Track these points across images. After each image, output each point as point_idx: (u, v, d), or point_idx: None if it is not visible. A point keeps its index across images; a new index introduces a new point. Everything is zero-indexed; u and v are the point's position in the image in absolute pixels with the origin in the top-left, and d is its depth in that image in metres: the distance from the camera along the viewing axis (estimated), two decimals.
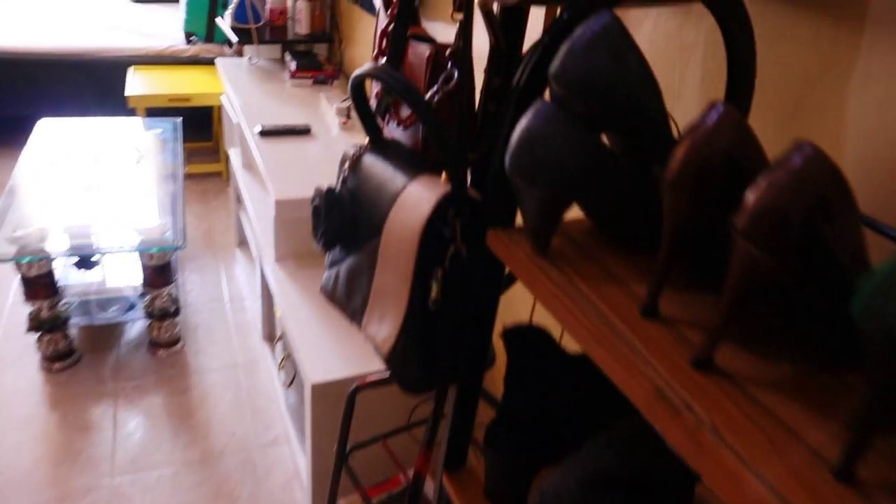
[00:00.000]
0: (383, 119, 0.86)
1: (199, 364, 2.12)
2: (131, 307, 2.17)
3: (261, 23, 2.47)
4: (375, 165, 0.77)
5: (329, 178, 1.69)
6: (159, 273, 1.98)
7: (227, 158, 2.90)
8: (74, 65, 3.25)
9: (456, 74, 0.77)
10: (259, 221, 1.95)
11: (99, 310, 2.13)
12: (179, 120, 2.67)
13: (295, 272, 1.71)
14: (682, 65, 0.88)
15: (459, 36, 0.78)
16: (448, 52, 0.77)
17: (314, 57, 2.46)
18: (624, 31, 0.50)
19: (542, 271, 0.58)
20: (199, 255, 2.67)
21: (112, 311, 2.12)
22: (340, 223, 0.78)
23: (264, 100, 2.21)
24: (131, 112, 3.00)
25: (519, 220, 0.64)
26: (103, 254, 1.97)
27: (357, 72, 0.73)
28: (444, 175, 0.72)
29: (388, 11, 0.88)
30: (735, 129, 0.45)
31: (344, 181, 0.80)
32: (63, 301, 2.00)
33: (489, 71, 0.77)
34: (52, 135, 2.55)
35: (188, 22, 3.45)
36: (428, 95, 0.77)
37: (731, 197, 0.46)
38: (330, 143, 1.89)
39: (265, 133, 1.87)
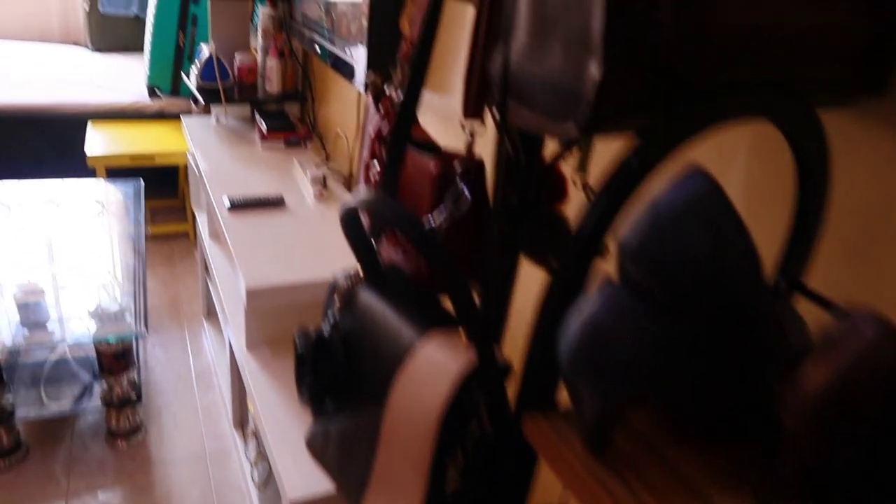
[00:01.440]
0: (377, 242, 0.73)
1: (162, 455, 1.93)
2: (86, 392, 1.98)
3: (229, 81, 2.34)
4: (373, 307, 0.64)
5: (305, 258, 1.55)
6: (118, 359, 1.81)
7: (194, 217, 2.74)
8: (29, 121, 3.07)
9: (467, 193, 0.64)
10: (228, 302, 1.80)
11: (49, 398, 1.94)
12: (141, 183, 2.51)
13: (270, 362, 1.55)
14: (719, 169, 0.77)
15: (471, 149, 0.66)
16: (459, 169, 0.64)
17: (286, 117, 2.33)
18: (724, 200, 0.38)
19: (600, 483, 0.45)
20: (164, 327, 2.49)
21: (64, 400, 1.93)
22: (331, 376, 0.64)
23: (233, 164, 2.07)
24: (91, 172, 2.83)
25: (563, 395, 0.51)
26: (54, 346, 1.79)
27: (348, 203, 0.60)
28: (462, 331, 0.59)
29: (381, 109, 0.76)
30: None
31: (335, 324, 0.66)
32: (7, 393, 1.81)
33: (504, 186, 0.65)
34: (1, 200, 2.37)
35: (152, 75, 3.31)
36: (434, 222, 0.64)
37: (883, 429, 0.33)
38: (305, 216, 1.75)
39: (235, 206, 1.73)
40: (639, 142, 0.45)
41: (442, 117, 1.38)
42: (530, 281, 0.78)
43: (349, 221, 0.62)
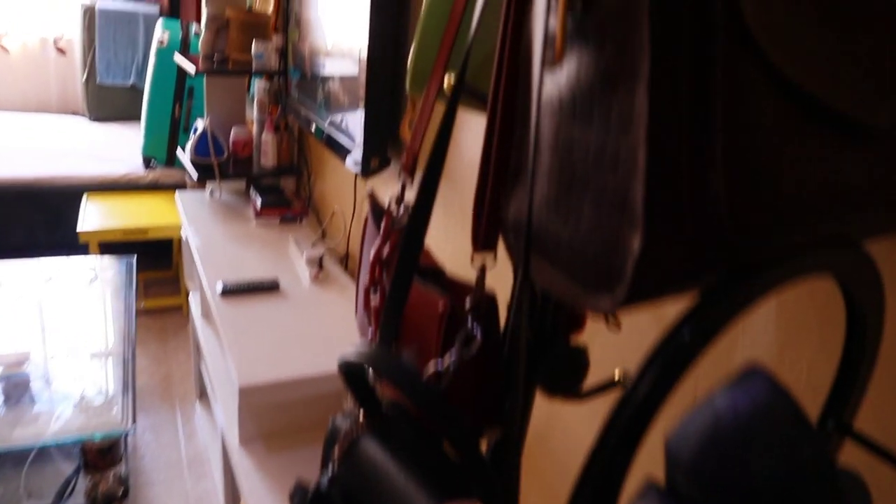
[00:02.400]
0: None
1: None
2: (69, 487, 1.88)
3: (223, 156, 2.31)
4: (377, 459, 0.56)
5: (301, 350, 1.48)
6: (104, 454, 1.71)
7: (187, 291, 2.67)
8: (23, 195, 3.03)
9: (478, 335, 0.58)
10: (220, 390, 1.71)
11: (31, 495, 1.83)
12: (134, 261, 2.45)
13: (264, 459, 1.46)
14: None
15: (481, 283, 0.59)
16: (469, 305, 0.58)
17: (281, 192, 2.29)
18: (796, 412, 0.31)
19: None
20: (155, 408, 2.40)
21: (45, 500, 1.83)
22: None
23: (227, 242, 2.01)
24: (84, 246, 2.77)
25: None
26: (34, 449, 1.70)
27: (346, 357, 0.54)
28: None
29: (382, 228, 0.70)
30: None
31: (333, 478, 0.59)
32: None
33: (519, 320, 0.59)
34: None
35: (147, 146, 3.30)
36: (442, 366, 0.57)
37: None
38: (301, 301, 1.68)
39: (228, 292, 1.67)
40: (691, 310, 0.38)
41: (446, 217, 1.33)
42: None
43: (349, 373, 0.55)
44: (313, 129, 1.88)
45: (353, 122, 1.57)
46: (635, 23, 0.32)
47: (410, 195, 0.69)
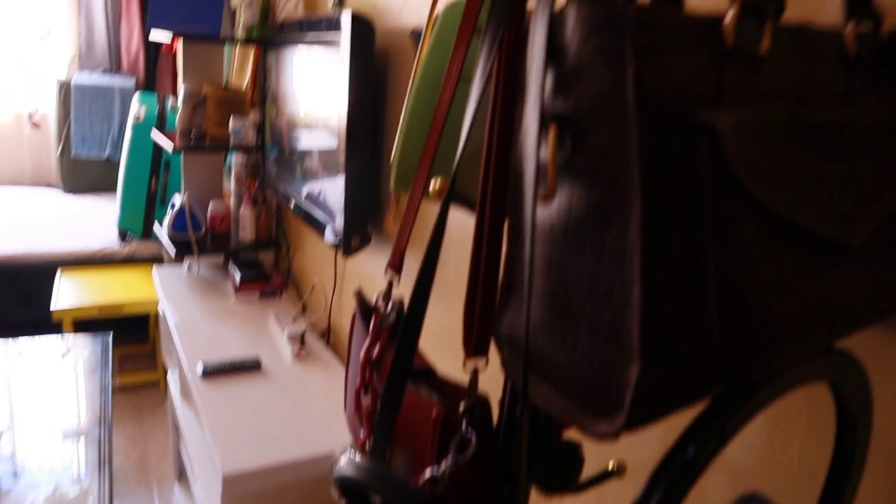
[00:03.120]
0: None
1: None
2: None
3: (201, 231, 2.30)
4: None
5: (285, 433, 1.45)
6: None
7: (164, 367, 2.62)
8: None
9: (473, 439, 0.57)
10: (201, 474, 1.66)
11: None
12: (109, 340, 2.40)
13: None
14: None
15: (474, 387, 0.59)
16: (462, 409, 0.58)
17: (260, 266, 2.28)
18: None
19: None
20: (131, 491, 2.31)
21: None
22: None
23: (205, 319, 1.99)
24: (57, 324, 2.72)
25: None
26: None
27: (341, 472, 0.53)
28: None
29: (371, 328, 0.70)
30: None
31: None
32: None
33: (512, 419, 0.58)
34: None
35: (123, 219, 3.28)
36: (438, 472, 0.57)
37: None
38: (284, 380, 1.66)
39: (208, 373, 1.64)
40: (695, 426, 0.39)
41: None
42: None
43: (343, 486, 0.54)
44: (291, 205, 1.88)
45: (332, 197, 1.58)
46: (625, 164, 0.33)
47: (398, 292, 0.69)
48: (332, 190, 1.58)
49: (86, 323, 2.75)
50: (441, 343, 1.34)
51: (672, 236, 0.34)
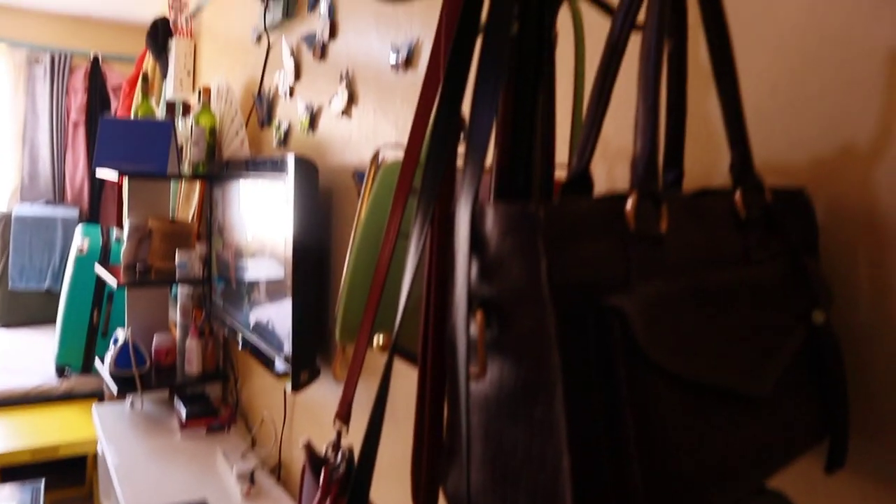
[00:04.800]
0: None
1: None
2: None
3: (145, 367, 2.25)
4: None
5: None
6: None
7: None
8: None
9: None
10: None
11: None
12: (42, 486, 2.27)
13: None
14: None
15: None
16: None
17: (207, 400, 2.22)
18: None
19: None
20: None
21: None
22: None
23: (149, 460, 1.91)
24: None
25: None
26: None
27: None
28: None
29: (322, 481, 0.70)
30: None
31: None
32: None
33: None
34: None
35: (61, 353, 3.17)
36: None
37: None
38: None
39: None
40: None
41: None
42: None
43: None
44: (239, 339, 1.87)
45: (280, 330, 1.58)
46: (546, 347, 0.36)
47: (346, 441, 0.70)
48: (280, 323, 1.58)
49: (17, 468, 2.59)
50: (392, 473, 1.32)
51: (594, 410, 0.37)
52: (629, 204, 0.42)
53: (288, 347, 1.50)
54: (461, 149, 0.53)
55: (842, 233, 0.61)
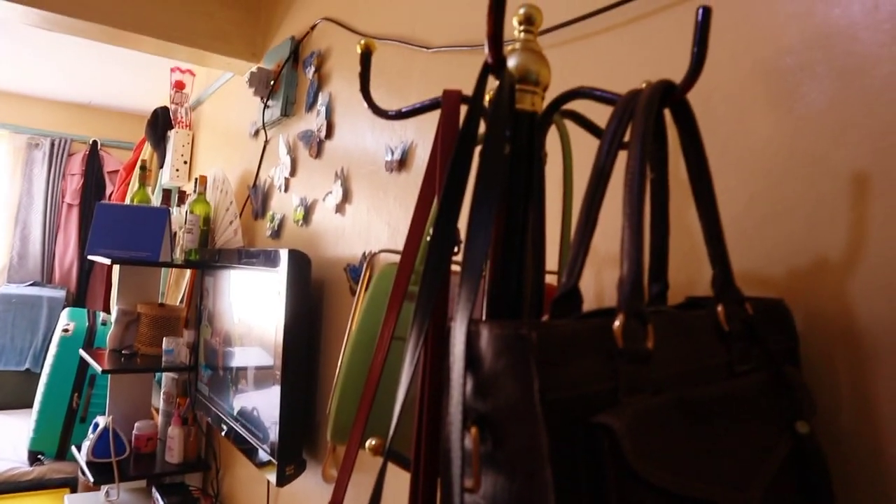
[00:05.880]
0: None
1: None
2: None
3: (125, 454, 2.19)
4: None
5: None
6: None
7: None
8: None
9: None
10: None
11: None
12: None
13: None
14: None
15: None
16: None
17: (187, 490, 2.16)
18: None
19: None
20: None
21: None
22: None
23: None
24: None
25: None
26: None
27: None
28: None
29: None
30: None
31: None
32: None
33: None
34: None
35: (36, 438, 3.08)
36: None
37: None
38: None
39: None
40: None
41: None
42: None
43: None
44: (224, 429, 1.84)
45: (267, 420, 1.56)
46: (538, 463, 0.38)
47: None
48: (267, 413, 1.57)
49: None
50: None
51: None
52: (617, 324, 0.44)
53: (274, 437, 1.48)
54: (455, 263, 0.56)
55: (821, 341, 0.64)
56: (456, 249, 0.56)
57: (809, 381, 0.64)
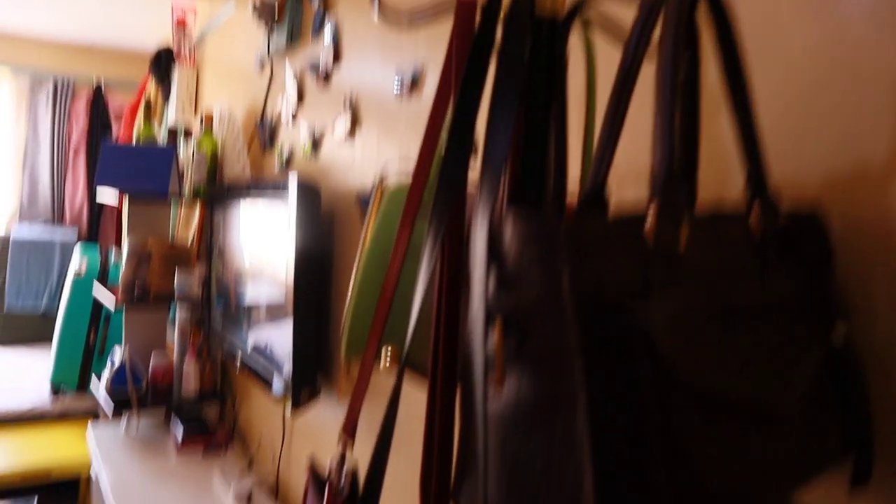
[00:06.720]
0: None
1: None
2: None
3: (142, 387, 2.22)
4: None
5: None
6: None
7: None
8: None
9: None
10: None
11: None
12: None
13: None
14: None
15: None
16: None
17: (203, 420, 2.20)
18: None
19: None
20: None
21: None
22: None
23: (144, 482, 1.88)
24: None
25: None
26: None
27: None
28: None
29: (326, 501, 0.69)
30: None
31: None
32: None
33: None
34: None
35: (57, 372, 3.14)
36: None
37: None
38: None
39: None
40: None
41: None
42: None
43: None
44: (238, 360, 1.86)
45: (280, 350, 1.57)
46: (568, 359, 0.36)
47: (352, 458, 0.69)
48: (280, 343, 1.57)
49: (7, 491, 2.55)
50: (395, 496, 1.31)
51: (617, 425, 0.36)
52: (649, 218, 0.42)
53: (288, 368, 1.49)
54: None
55: (857, 251, 0.61)
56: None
57: (844, 291, 0.62)
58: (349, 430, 0.71)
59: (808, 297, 0.54)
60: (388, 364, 0.65)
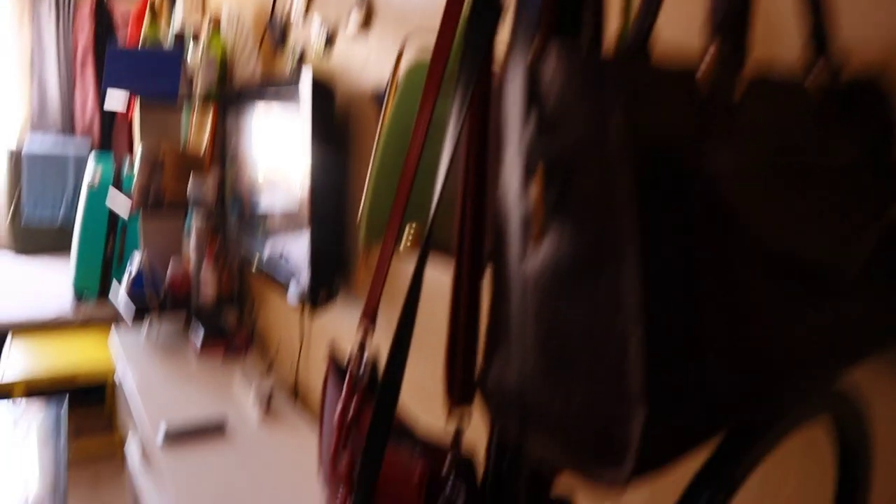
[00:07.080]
0: None
1: None
2: None
3: (161, 293, 2.24)
4: None
5: (253, 500, 1.38)
6: None
7: (121, 437, 2.51)
8: None
9: (460, 498, 0.55)
10: None
11: None
12: (64, 408, 2.29)
13: None
14: None
15: (459, 444, 0.57)
16: (447, 467, 0.56)
17: (222, 325, 2.22)
18: None
19: None
20: None
21: None
22: None
23: (166, 384, 1.92)
24: (6, 393, 2.59)
25: None
26: None
27: None
28: None
29: (346, 387, 0.67)
30: None
31: None
32: None
33: (499, 474, 0.56)
34: None
35: (78, 278, 3.18)
36: None
37: None
38: (249, 445, 1.59)
39: (170, 436, 1.57)
40: (707, 470, 0.37)
41: None
42: None
43: None
44: (254, 264, 1.85)
45: (297, 253, 1.56)
46: (617, 207, 0.33)
47: (372, 346, 0.67)
48: (297, 246, 1.56)
49: (36, 394, 2.63)
50: (418, 394, 1.31)
51: (669, 278, 0.33)
52: (704, 63, 0.37)
53: (305, 273, 1.48)
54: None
55: None
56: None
57: None
58: (370, 315, 0.69)
59: (868, 172, 0.50)
60: (409, 244, 0.62)
